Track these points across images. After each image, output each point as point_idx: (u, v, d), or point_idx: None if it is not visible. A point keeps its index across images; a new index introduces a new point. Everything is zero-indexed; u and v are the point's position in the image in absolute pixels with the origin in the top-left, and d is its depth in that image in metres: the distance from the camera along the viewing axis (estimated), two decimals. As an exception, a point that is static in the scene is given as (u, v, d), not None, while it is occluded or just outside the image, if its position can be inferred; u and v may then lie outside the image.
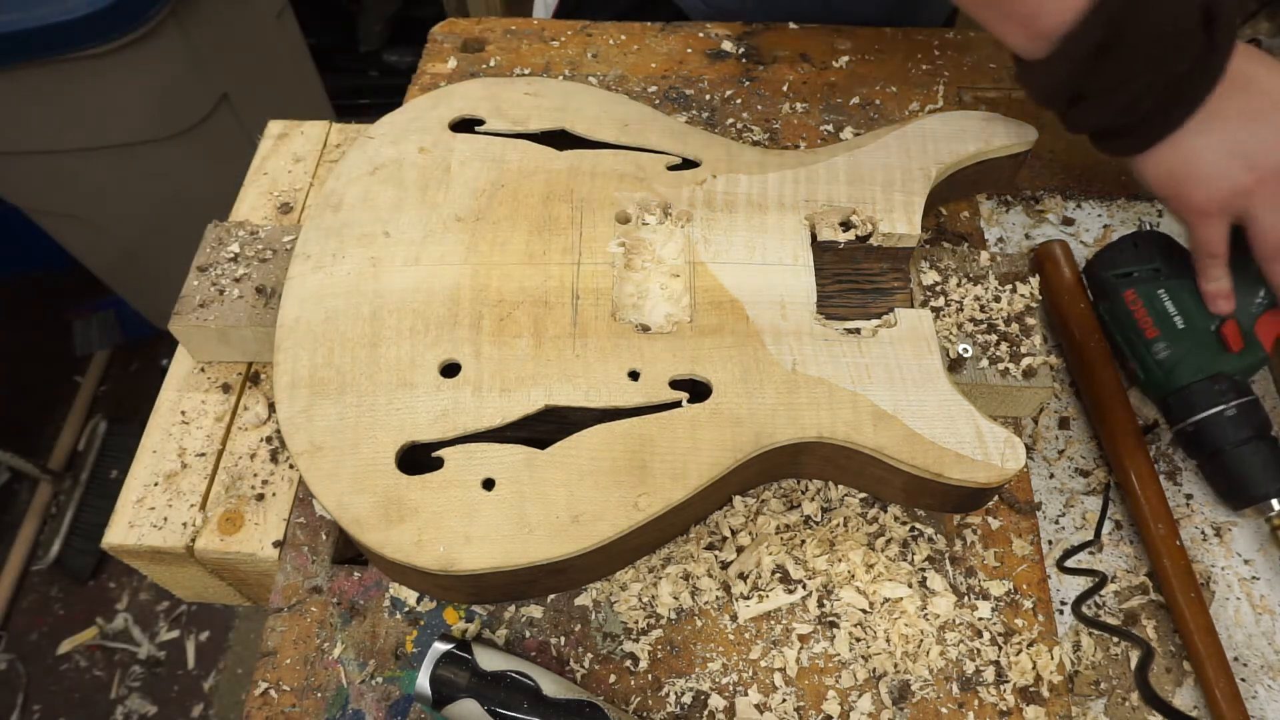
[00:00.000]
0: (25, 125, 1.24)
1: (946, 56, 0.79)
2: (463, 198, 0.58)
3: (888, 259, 0.59)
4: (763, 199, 0.58)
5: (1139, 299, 0.62)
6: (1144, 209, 0.77)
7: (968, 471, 0.49)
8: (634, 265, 0.56)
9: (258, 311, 0.59)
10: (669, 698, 0.51)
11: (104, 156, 1.31)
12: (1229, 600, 0.58)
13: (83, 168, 1.32)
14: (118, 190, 1.38)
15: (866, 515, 0.56)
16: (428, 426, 0.50)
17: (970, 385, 0.56)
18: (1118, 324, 0.63)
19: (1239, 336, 0.58)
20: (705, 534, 0.55)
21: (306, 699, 0.51)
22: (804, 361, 0.52)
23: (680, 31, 0.81)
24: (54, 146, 1.28)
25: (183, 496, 0.58)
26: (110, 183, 1.36)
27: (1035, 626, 0.53)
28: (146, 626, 1.57)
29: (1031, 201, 0.77)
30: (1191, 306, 0.60)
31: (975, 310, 0.58)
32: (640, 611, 0.53)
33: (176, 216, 1.39)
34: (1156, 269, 0.62)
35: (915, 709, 0.50)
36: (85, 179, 1.35)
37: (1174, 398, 0.60)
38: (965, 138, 0.60)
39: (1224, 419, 0.58)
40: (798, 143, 0.72)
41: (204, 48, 1.28)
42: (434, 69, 0.77)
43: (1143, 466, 0.60)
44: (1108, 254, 0.64)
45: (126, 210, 1.42)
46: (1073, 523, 0.61)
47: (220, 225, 0.64)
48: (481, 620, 0.53)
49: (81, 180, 1.35)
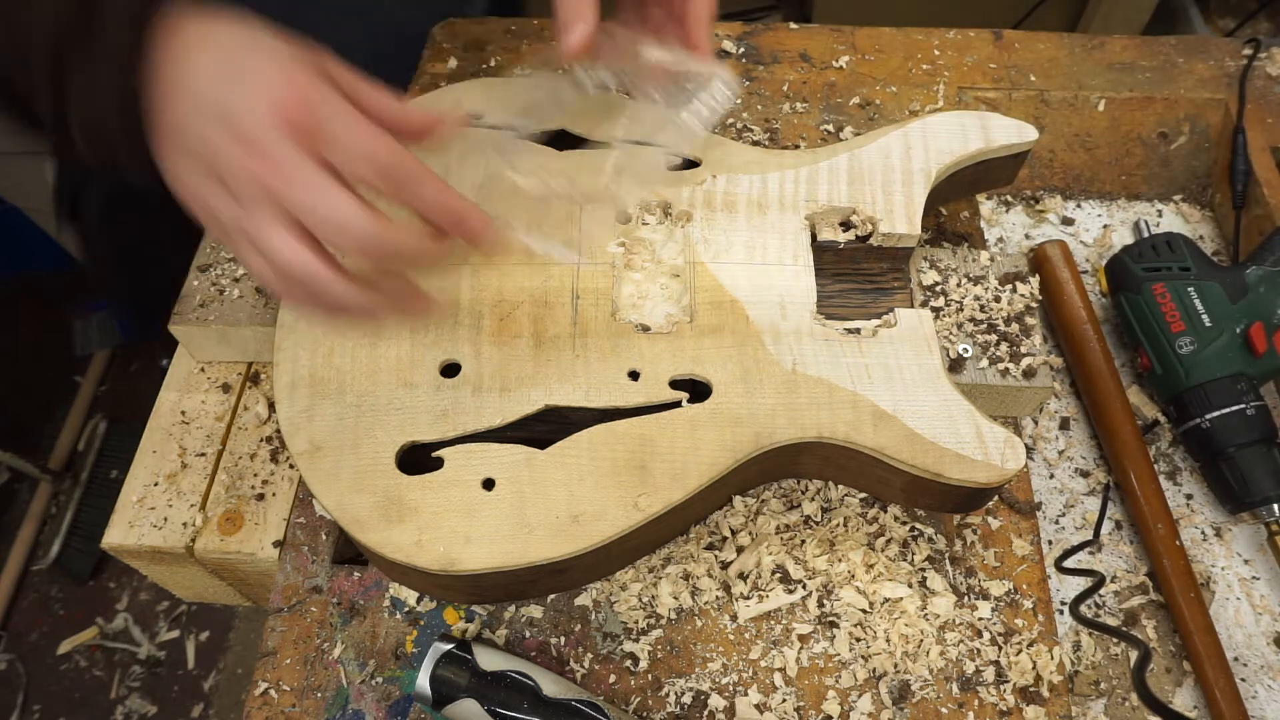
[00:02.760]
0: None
1: (946, 56, 0.79)
2: (462, 197, 0.58)
3: (888, 259, 0.59)
4: (763, 199, 0.58)
5: (1168, 293, 0.62)
6: (1144, 209, 0.77)
7: (968, 471, 0.49)
8: (634, 265, 0.56)
9: (258, 311, 0.59)
10: (669, 698, 0.51)
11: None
12: (1229, 600, 0.58)
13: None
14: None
15: (866, 515, 0.56)
16: (428, 426, 0.50)
17: (970, 385, 0.56)
18: (1140, 316, 0.64)
19: (1264, 339, 0.59)
20: (705, 534, 0.55)
21: (306, 699, 0.51)
22: (804, 361, 0.52)
23: (680, 31, 0.81)
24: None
25: (183, 496, 0.58)
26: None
27: (1035, 626, 0.53)
28: (146, 626, 1.57)
29: (1031, 201, 0.77)
30: (1219, 308, 0.61)
31: (975, 310, 0.58)
32: (640, 611, 0.53)
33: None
34: (1187, 268, 0.63)
35: (915, 709, 0.50)
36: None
37: (1190, 393, 0.60)
38: (965, 137, 0.60)
39: (1243, 417, 0.58)
40: (798, 143, 0.72)
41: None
42: (434, 69, 0.77)
43: (1143, 466, 0.60)
44: (1137, 248, 0.65)
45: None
46: (1073, 523, 0.61)
47: (220, 225, 0.64)
48: (481, 620, 0.53)
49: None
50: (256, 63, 0.39)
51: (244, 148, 0.38)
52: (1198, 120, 0.76)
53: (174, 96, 0.39)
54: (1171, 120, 0.76)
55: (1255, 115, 0.74)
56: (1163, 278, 0.63)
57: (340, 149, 0.39)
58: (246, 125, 0.38)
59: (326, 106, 0.39)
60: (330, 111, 0.39)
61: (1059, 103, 0.76)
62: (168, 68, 0.39)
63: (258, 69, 0.39)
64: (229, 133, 0.38)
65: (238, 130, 0.38)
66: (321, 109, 0.39)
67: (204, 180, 0.40)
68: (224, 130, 0.38)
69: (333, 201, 0.38)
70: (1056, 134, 0.77)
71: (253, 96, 0.38)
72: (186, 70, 0.39)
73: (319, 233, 0.39)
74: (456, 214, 0.42)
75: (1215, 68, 0.78)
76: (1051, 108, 0.76)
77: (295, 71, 0.39)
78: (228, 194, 0.39)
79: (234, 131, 0.38)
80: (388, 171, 0.39)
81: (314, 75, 0.40)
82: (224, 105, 0.38)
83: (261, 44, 0.40)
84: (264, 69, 0.39)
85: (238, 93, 0.38)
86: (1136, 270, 0.64)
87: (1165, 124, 0.76)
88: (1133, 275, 0.64)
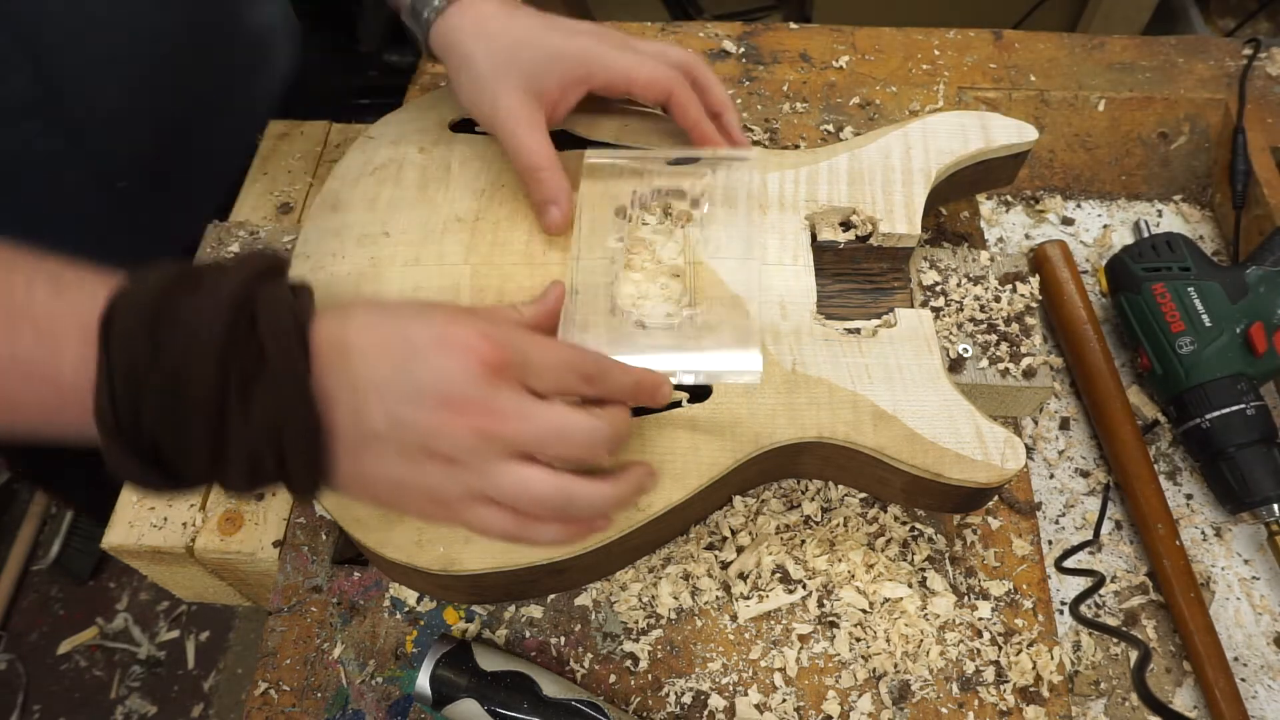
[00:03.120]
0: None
1: (946, 56, 0.79)
2: (463, 198, 0.58)
3: (888, 259, 0.59)
4: (763, 199, 0.58)
5: (1168, 293, 0.62)
6: (1144, 209, 0.77)
7: (968, 471, 0.49)
8: (634, 265, 0.56)
9: (258, 311, 0.59)
10: (669, 698, 0.51)
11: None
12: (1229, 600, 0.58)
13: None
14: (118, 190, 1.37)
15: (866, 515, 0.56)
16: (428, 426, 0.50)
17: (970, 385, 0.56)
18: (1140, 316, 0.64)
19: (1264, 339, 0.59)
20: (705, 534, 0.55)
21: (306, 699, 0.51)
22: (804, 361, 0.52)
23: (680, 31, 0.81)
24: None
25: (182, 496, 0.58)
26: (110, 183, 1.36)
27: (1035, 626, 0.53)
28: (146, 626, 1.57)
29: (1031, 201, 0.77)
30: (1220, 308, 0.61)
31: (975, 310, 0.58)
32: (640, 611, 0.53)
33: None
34: (1187, 268, 0.63)
35: (915, 709, 0.50)
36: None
37: (1190, 393, 0.60)
38: (965, 137, 0.60)
39: (1243, 417, 0.58)
40: (798, 143, 0.72)
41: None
42: (434, 69, 0.77)
43: (1143, 466, 0.60)
44: (1137, 248, 0.65)
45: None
46: (1073, 523, 0.61)
47: (220, 225, 0.64)
48: (481, 620, 0.53)
49: (81, 180, 1.34)
50: (427, 332, 0.39)
51: (455, 411, 0.38)
52: (1198, 120, 0.76)
53: (353, 399, 0.38)
54: (1171, 120, 0.76)
55: (1255, 115, 0.74)
56: (1163, 278, 0.63)
57: (539, 371, 0.40)
58: (454, 389, 0.38)
59: (513, 339, 0.40)
60: (519, 342, 0.40)
61: (1059, 103, 0.76)
62: (334, 377, 0.37)
63: (434, 336, 0.39)
64: (434, 405, 0.38)
65: (445, 397, 0.38)
66: (511, 343, 0.40)
67: (408, 466, 0.39)
68: (427, 406, 0.38)
69: (558, 419, 0.39)
70: (1056, 134, 0.77)
71: (446, 361, 0.38)
72: (359, 369, 0.38)
73: (550, 454, 0.40)
74: (649, 386, 0.44)
75: (1215, 68, 0.78)
76: (1051, 108, 0.76)
77: (467, 323, 0.40)
78: (443, 465, 0.38)
79: (440, 400, 0.38)
80: (586, 372, 0.41)
81: (480, 319, 0.41)
82: (417, 383, 0.38)
83: (414, 315, 0.40)
84: (441, 334, 0.39)
85: (428, 365, 0.38)
86: (1136, 270, 0.64)
87: (1165, 124, 0.76)
88: (1133, 275, 0.64)
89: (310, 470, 0.38)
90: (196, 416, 0.35)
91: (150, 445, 0.35)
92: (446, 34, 0.55)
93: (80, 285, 0.36)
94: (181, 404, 0.35)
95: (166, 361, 0.34)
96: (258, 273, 0.38)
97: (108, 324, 0.35)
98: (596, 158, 0.58)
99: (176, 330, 0.35)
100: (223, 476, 0.37)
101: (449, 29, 0.55)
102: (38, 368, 0.34)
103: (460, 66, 0.55)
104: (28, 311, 0.35)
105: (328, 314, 0.39)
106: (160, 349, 0.34)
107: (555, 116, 0.56)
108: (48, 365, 0.34)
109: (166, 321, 0.35)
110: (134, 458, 0.35)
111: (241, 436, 0.36)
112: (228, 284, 0.36)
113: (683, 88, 0.55)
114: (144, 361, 0.34)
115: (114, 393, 0.34)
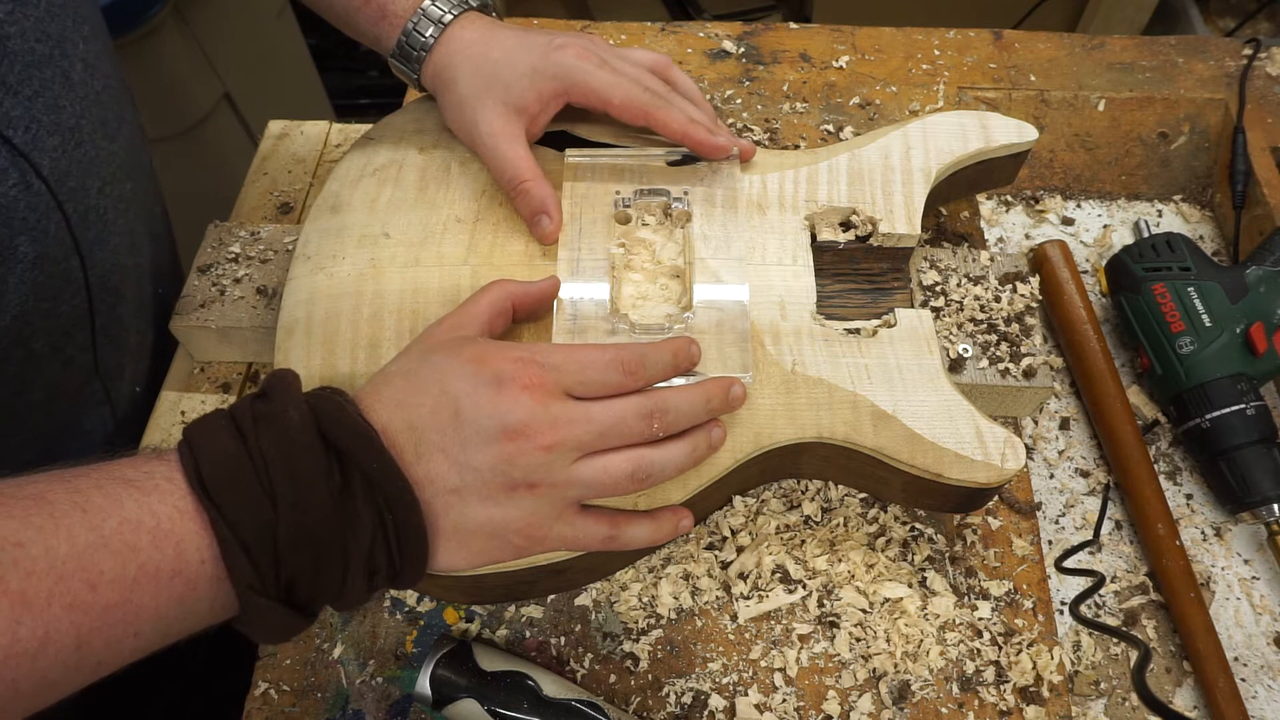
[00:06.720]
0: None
1: (946, 56, 0.79)
2: (463, 199, 0.58)
3: (888, 259, 0.59)
4: (763, 199, 0.58)
5: (1168, 293, 0.62)
6: (1144, 209, 0.77)
7: (968, 471, 0.49)
8: (633, 265, 0.56)
9: (258, 312, 0.60)
10: (669, 698, 0.51)
11: (104, 157, 1.31)
12: (1229, 600, 0.58)
13: (83, 168, 1.32)
14: (118, 190, 1.38)
15: (866, 515, 0.56)
16: (428, 427, 0.50)
17: (970, 385, 0.56)
18: (1140, 316, 0.64)
19: (1264, 339, 0.59)
20: (705, 534, 0.55)
21: (306, 699, 0.51)
22: (804, 362, 0.52)
23: (680, 31, 0.81)
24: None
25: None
26: (110, 183, 1.36)
27: (1035, 626, 0.53)
28: (147, 626, 1.57)
29: (1031, 201, 0.77)
30: (1219, 308, 0.61)
31: (975, 310, 0.58)
32: (640, 611, 0.53)
33: (177, 217, 1.39)
34: (1188, 268, 0.63)
35: (915, 709, 0.50)
36: (86, 179, 1.34)
37: (1190, 394, 0.60)
38: (965, 137, 0.60)
39: (1244, 417, 0.58)
40: (798, 143, 0.73)
41: (204, 47, 1.28)
42: (434, 69, 0.77)
43: (1143, 466, 0.60)
44: (1137, 248, 0.65)
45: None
46: (1073, 523, 0.61)
47: (221, 225, 0.64)
48: (481, 620, 0.53)
49: (82, 180, 1.35)
50: (460, 378, 0.41)
51: (518, 438, 0.40)
52: (1198, 120, 0.76)
53: (427, 468, 0.39)
54: (1171, 120, 0.76)
55: (1255, 115, 0.74)
56: (1163, 278, 0.63)
57: (577, 376, 0.42)
58: (509, 420, 0.40)
59: (540, 355, 0.42)
60: (548, 357, 0.42)
61: (1059, 103, 0.76)
62: (405, 456, 0.39)
63: (469, 379, 0.40)
64: (497, 440, 0.39)
65: (503, 430, 0.39)
66: (542, 359, 0.41)
67: (495, 505, 0.40)
68: (492, 444, 0.39)
69: (609, 410, 0.42)
70: (1056, 134, 0.77)
71: (491, 397, 0.40)
72: (417, 437, 0.40)
73: (616, 444, 0.42)
74: (692, 357, 0.47)
75: (1215, 68, 0.78)
76: (1051, 108, 0.76)
77: (493, 356, 0.41)
78: (526, 491, 0.40)
79: (499, 434, 0.39)
80: (624, 363, 0.43)
81: (504, 348, 0.42)
82: (475, 427, 0.40)
83: (434, 368, 0.42)
84: (475, 374, 0.41)
85: (477, 408, 0.40)
86: (1137, 270, 0.64)
87: (1165, 124, 0.76)
88: (1133, 275, 0.64)
89: (419, 544, 0.39)
90: (323, 542, 0.36)
91: (289, 588, 0.36)
92: (435, 70, 0.57)
93: (150, 475, 0.35)
94: (307, 536, 0.36)
95: (283, 502, 0.35)
96: (292, 388, 0.38)
97: (205, 491, 0.35)
98: (577, 157, 0.58)
99: (277, 471, 0.35)
100: (347, 592, 0.38)
101: (436, 64, 0.57)
102: (166, 566, 0.34)
103: (444, 91, 0.57)
104: (137, 523, 0.34)
105: (365, 398, 0.41)
106: (276, 495, 0.35)
107: (534, 130, 0.57)
108: (175, 561, 0.34)
109: (260, 468, 0.36)
110: (279, 605, 0.36)
111: (359, 543, 0.37)
112: (291, 414, 0.37)
113: (659, 108, 0.55)
114: (265, 511, 0.35)
115: (248, 551, 0.35)
